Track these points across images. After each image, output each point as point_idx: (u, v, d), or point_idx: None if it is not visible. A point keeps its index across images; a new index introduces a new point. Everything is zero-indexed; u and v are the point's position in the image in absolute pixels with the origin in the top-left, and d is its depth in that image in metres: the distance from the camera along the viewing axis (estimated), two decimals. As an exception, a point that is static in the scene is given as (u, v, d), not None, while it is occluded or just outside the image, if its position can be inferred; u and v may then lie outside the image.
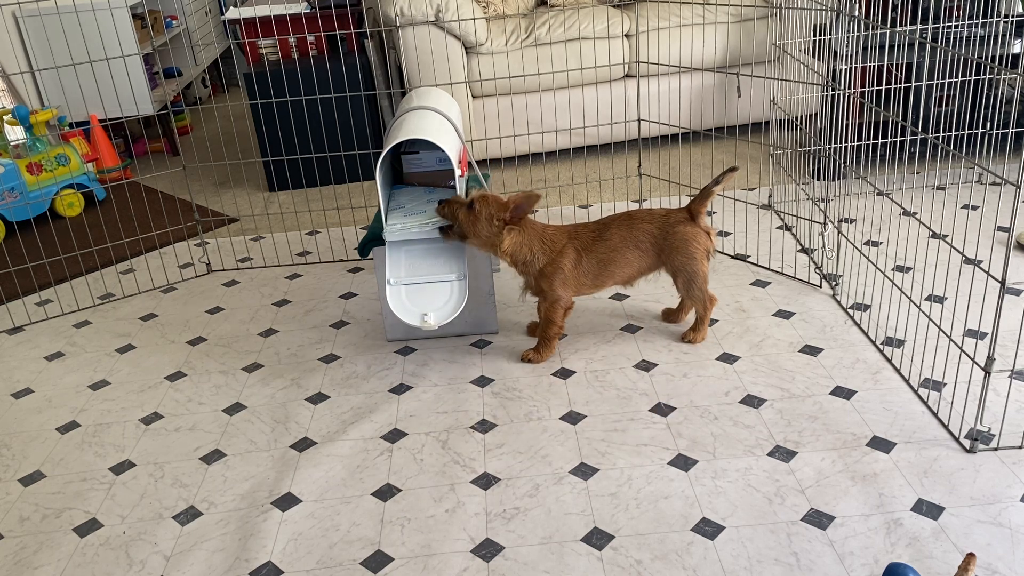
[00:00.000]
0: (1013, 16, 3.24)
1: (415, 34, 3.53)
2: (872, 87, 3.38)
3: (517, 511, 1.77)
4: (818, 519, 1.68)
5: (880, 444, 1.87)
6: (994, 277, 1.74)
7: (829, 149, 2.61)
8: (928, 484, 1.75)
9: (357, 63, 3.68)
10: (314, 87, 3.64)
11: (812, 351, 2.25)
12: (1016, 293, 2.46)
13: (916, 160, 3.42)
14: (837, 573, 1.56)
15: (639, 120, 3.28)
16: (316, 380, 2.32)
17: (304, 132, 3.64)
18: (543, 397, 2.16)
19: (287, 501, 1.86)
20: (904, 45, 3.22)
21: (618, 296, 2.63)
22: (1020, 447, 1.82)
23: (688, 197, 3.23)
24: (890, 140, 3.39)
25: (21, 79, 4.08)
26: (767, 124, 3.53)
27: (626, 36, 3.72)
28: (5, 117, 3.67)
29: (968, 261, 1.93)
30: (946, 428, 1.91)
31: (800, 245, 2.85)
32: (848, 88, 2.57)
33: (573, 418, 2.06)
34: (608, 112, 3.71)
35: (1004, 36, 3.21)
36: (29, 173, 3.54)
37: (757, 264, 2.76)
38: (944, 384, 2.05)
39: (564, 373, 2.25)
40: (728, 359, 2.25)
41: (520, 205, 2.16)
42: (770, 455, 1.87)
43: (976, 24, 3.21)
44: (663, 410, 2.06)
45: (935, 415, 1.95)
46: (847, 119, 2.71)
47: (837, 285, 2.54)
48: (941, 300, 2.43)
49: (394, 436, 2.05)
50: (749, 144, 3.84)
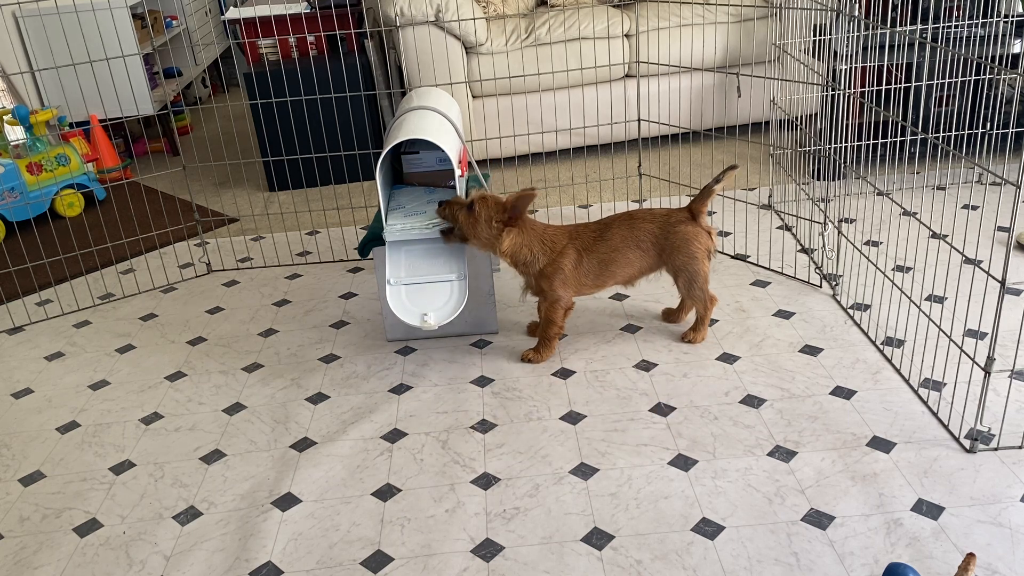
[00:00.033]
0: (1013, 16, 3.24)
1: (415, 34, 3.53)
2: (872, 87, 3.38)
3: (517, 511, 1.77)
4: (818, 519, 1.68)
5: (880, 444, 1.87)
6: (994, 277, 1.74)
7: (829, 149, 2.61)
8: (928, 484, 1.75)
9: (357, 63, 3.68)
10: (314, 87, 3.64)
11: (812, 351, 2.25)
12: (1016, 293, 2.46)
13: (916, 160, 3.42)
14: (837, 573, 1.56)
15: (639, 120, 3.28)
16: (316, 380, 2.32)
17: (304, 132, 3.64)
18: (543, 397, 2.16)
19: (287, 501, 1.86)
20: (904, 45, 3.22)
21: (618, 296, 2.63)
22: (1020, 447, 1.82)
23: (688, 197, 3.23)
24: (890, 140, 3.39)
25: (21, 79, 4.08)
26: (767, 124, 3.53)
27: (626, 36, 3.72)
28: (5, 117, 3.67)
29: (968, 261, 1.93)
30: (946, 428, 1.91)
31: (800, 245, 2.85)
32: (848, 88, 2.57)
33: (573, 418, 2.06)
34: (608, 112, 3.71)
35: (1004, 36, 3.21)
36: (29, 173, 3.54)
37: (757, 264, 2.76)
38: (944, 384, 2.05)
39: (564, 373, 2.25)
40: (728, 359, 2.25)
41: (515, 205, 2.16)
42: (770, 455, 1.87)
43: (976, 24, 3.21)
44: (663, 410, 2.06)
45: (935, 415, 1.95)
46: (847, 119, 2.71)
47: (837, 285, 2.54)
48: (941, 300, 2.43)
49: (394, 436, 2.05)
50: (749, 144, 3.84)
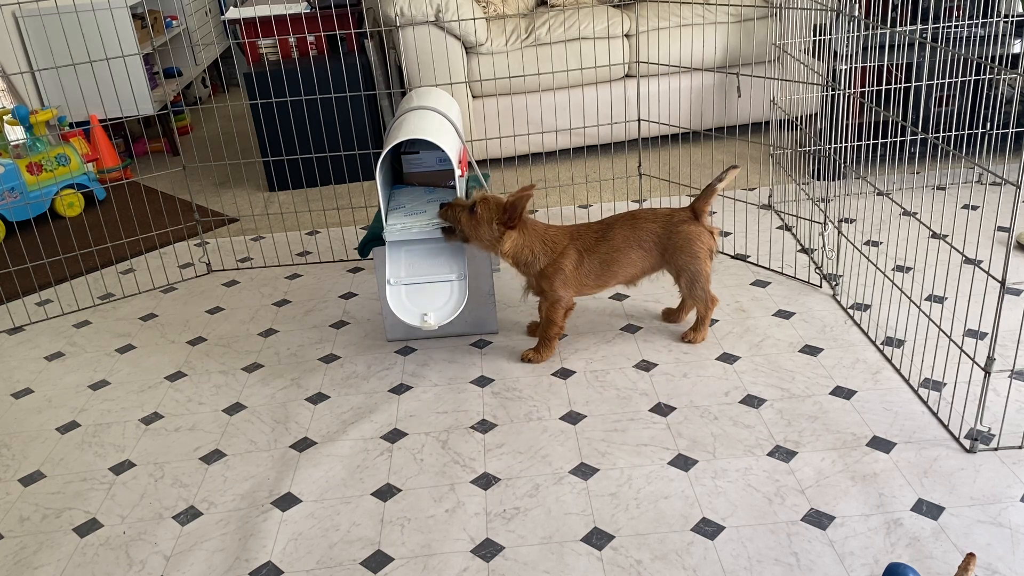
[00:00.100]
0: (1013, 16, 3.24)
1: (415, 34, 3.53)
2: (872, 87, 3.38)
3: (517, 511, 1.77)
4: (818, 519, 1.68)
5: (880, 444, 1.87)
6: (994, 277, 1.74)
7: (829, 149, 2.61)
8: (928, 484, 1.75)
9: (357, 63, 3.68)
10: (314, 87, 3.64)
11: (812, 351, 2.25)
12: (1016, 293, 2.46)
13: (916, 160, 3.42)
14: (837, 573, 1.55)
15: (639, 120, 3.28)
16: (316, 380, 2.32)
17: (304, 132, 3.64)
18: (543, 397, 2.16)
19: (287, 501, 1.86)
20: (904, 45, 3.22)
21: (618, 296, 2.63)
22: (1020, 447, 1.82)
23: (688, 197, 3.23)
24: (890, 140, 3.39)
25: (21, 79, 4.08)
26: (767, 124, 3.52)
27: (626, 36, 3.72)
28: (5, 117, 3.67)
29: (968, 261, 1.93)
30: (946, 428, 1.91)
31: (800, 245, 2.85)
32: (848, 88, 2.57)
33: (573, 418, 2.06)
34: (608, 112, 3.71)
35: (1004, 36, 3.21)
36: (29, 173, 3.54)
37: (757, 264, 2.76)
38: (944, 384, 2.05)
39: (564, 373, 2.25)
40: (728, 359, 2.25)
41: (513, 206, 2.15)
42: (770, 455, 1.87)
43: (976, 24, 3.21)
44: (663, 410, 2.06)
45: (935, 415, 1.95)
46: (847, 119, 2.71)
47: (837, 285, 2.54)
48: (941, 300, 2.43)
49: (394, 436, 2.05)
50: (749, 144, 3.84)
